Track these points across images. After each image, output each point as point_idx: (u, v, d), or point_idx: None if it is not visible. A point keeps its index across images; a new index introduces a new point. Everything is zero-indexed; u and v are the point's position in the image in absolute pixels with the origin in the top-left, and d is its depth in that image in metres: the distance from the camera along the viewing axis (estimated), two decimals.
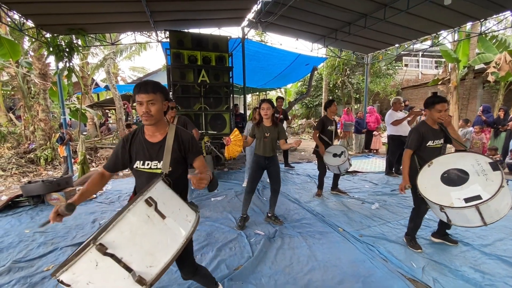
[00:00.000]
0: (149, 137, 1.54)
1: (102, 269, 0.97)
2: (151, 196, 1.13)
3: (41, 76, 7.67)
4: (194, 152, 1.60)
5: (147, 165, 1.52)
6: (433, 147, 2.54)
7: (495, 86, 10.68)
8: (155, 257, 1.05)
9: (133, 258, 1.00)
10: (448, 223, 2.15)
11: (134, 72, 23.38)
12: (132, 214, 1.06)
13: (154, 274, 1.01)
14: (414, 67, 20.32)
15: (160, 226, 1.11)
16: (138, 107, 1.44)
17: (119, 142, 1.59)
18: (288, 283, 2.20)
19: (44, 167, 7.18)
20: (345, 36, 7.07)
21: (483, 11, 5.56)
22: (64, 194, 4.28)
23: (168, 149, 1.50)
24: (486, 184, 1.98)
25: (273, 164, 3.21)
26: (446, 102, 2.49)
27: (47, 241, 3.02)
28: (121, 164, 1.57)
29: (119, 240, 1.00)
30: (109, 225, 0.99)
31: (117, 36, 8.76)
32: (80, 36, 5.84)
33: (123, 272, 0.98)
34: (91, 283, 0.97)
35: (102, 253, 0.95)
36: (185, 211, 1.27)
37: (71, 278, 0.95)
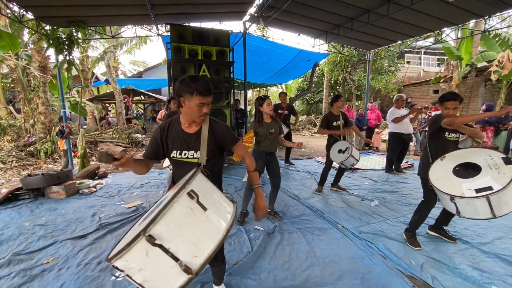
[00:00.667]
0: (186, 128, 1.58)
1: (152, 258, 1.02)
2: (193, 189, 1.17)
3: (41, 69, 7.62)
4: (231, 141, 1.64)
5: (184, 154, 1.57)
6: (449, 140, 2.56)
7: (497, 84, 10.63)
8: (199, 248, 1.09)
9: (179, 248, 1.05)
10: (457, 215, 2.17)
11: (134, 66, 23.30)
12: (176, 207, 1.10)
13: (199, 264, 1.05)
14: (416, 64, 20.19)
15: (203, 218, 1.15)
16: (197, 107, 1.45)
17: (156, 131, 1.61)
18: (287, 279, 2.21)
19: (44, 160, 7.18)
20: (347, 32, 7.00)
21: (487, 8, 5.50)
22: (64, 187, 4.28)
23: (204, 140, 1.55)
24: (498, 176, 2.01)
25: (274, 160, 3.27)
26: (456, 100, 2.45)
27: (47, 234, 3.03)
28: (162, 152, 1.61)
29: (166, 232, 1.05)
30: (157, 217, 1.04)
31: (117, 29, 8.69)
32: (80, 28, 5.78)
33: (170, 262, 1.03)
34: (142, 270, 1.03)
35: (151, 243, 1.00)
36: (224, 202, 1.31)
37: (125, 264, 1.03)
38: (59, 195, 4.27)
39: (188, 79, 1.44)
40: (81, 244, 2.80)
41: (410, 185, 4.77)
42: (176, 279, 1.04)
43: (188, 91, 1.43)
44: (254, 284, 2.15)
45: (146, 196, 4.30)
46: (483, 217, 2.05)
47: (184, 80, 1.45)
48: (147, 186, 4.85)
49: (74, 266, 2.39)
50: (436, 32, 7.19)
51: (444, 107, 2.50)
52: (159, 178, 5.39)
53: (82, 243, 2.82)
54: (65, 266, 2.40)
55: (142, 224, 1.19)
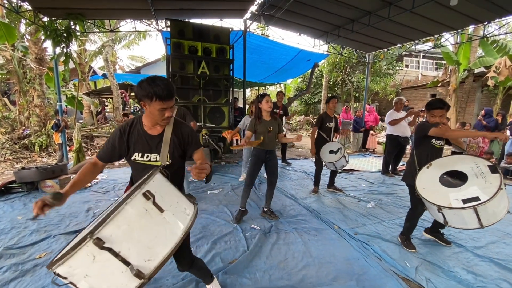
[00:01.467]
0: (149, 129, 1.51)
1: (100, 263, 0.96)
2: (149, 189, 1.11)
3: (37, 61, 7.52)
4: (193, 145, 1.59)
5: (146, 157, 1.50)
6: (436, 147, 2.54)
7: (494, 90, 10.74)
8: (153, 251, 1.04)
9: (131, 252, 0.99)
10: (445, 224, 2.17)
11: (132, 61, 23.08)
12: (129, 208, 1.04)
13: (153, 268, 1.01)
14: (414, 68, 20.31)
15: (158, 219, 1.10)
16: (159, 112, 1.38)
17: (115, 132, 1.52)
18: (283, 279, 2.21)
19: (38, 153, 7.09)
20: (347, 33, 7.01)
21: (486, 14, 5.54)
22: (59, 181, 4.23)
23: (167, 141, 1.49)
24: (484, 186, 1.99)
25: (273, 158, 3.26)
26: (443, 108, 2.42)
27: (40, 228, 2.98)
28: (118, 155, 1.52)
29: (117, 234, 0.99)
30: (106, 219, 0.98)
31: (116, 23, 8.60)
32: (78, 21, 5.70)
33: (121, 266, 0.97)
34: (88, 276, 0.96)
35: (99, 247, 0.94)
36: (183, 204, 1.25)
37: (68, 271, 0.95)
38: (53, 189, 4.22)
39: (146, 83, 1.34)
40: None
41: (406, 188, 4.72)
42: (126, 284, 0.99)
43: (147, 96, 1.34)
44: (250, 283, 2.14)
45: None
46: (470, 227, 2.04)
47: (142, 83, 1.36)
48: None
49: None
50: (436, 36, 7.23)
51: (430, 115, 2.48)
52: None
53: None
54: None
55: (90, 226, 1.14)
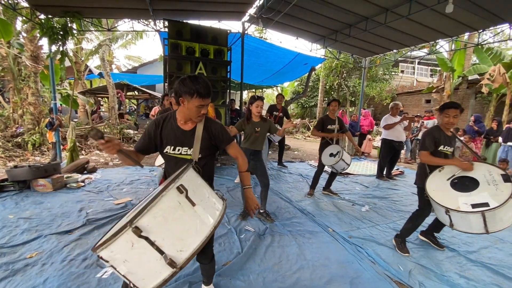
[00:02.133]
0: (182, 125, 1.58)
1: (137, 250, 1.02)
2: (183, 183, 1.17)
3: (33, 59, 7.45)
4: (225, 140, 1.66)
5: (177, 150, 1.57)
6: (444, 152, 2.54)
7: (487, 97, 10.91)
8: (185, 242, 1.10)
9: (165, 242, 1.06)
10: (450, 227, 2.20)
11: (129, 61, 22.99)
12: (164, 200, 1.10)
13: (184, 258, 1.07)
14: (410, 74, 20.59)
15: (190, 213, 1.16)
16: (197, 109, 1.46)
17: (150, 125, 1.60)
18: (276, 281, 2.20)
19: (31, 152, 6.99)
20: (345, 38, 7.08)
21: (481, 22, 5.64)
22: (51, 180, 4.17)
23: (198, 137, 1.56)
24: (495, 193, 2.03)
25: (258, 159, 3.30)
26: (456, 108, 2.43)
27: (31, 227, 2.93)
28: (154, 146, 1.60)
29: (152, 224, 1.05)
30: (144, 209, 1.03)
31: (113, 23, 8.56)
32: (75, 19, 5.67)
33: (156, 254, 1.04)
34: (127, 261, 1.04)
35: (137, 235, 1.00)
36: (213, 199, 1.31)
37: (110, 255, 1.03)
38: (46, 188, 4.15)
39: (189, 80, 1.42)
40: (67, 239, 2.72)
41: (400, 192, 4.83)
42: (160, 272, 1.05)
43: (188, 92, 1.42)
44: (243, 286, 2.12)
45: (136, 193, 4.23)
46: (475, 231, 2.07)
47: (184, 80, 1.43)
48: (137, 183, 4.77)
49: (58, 262, 2.31)
50: (431, 43, 7.34)
51: (444, 114, 2.47)
52: (150, 175, 5.31)
53: (67, 238, 2.74)
54: (49, 261, 2.32)
55: (129, 215, 1.19)
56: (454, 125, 2.51)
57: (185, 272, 2.20)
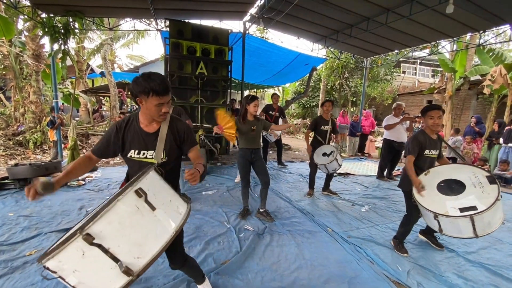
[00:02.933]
0: (145, 127, 1.50)
1: (89, 259, 0.96)
2: (141, 187, 1.12)
3: (35, 57, 7.48)
4: (189, 143, 1.59)
5: (142, 154, 1.49)
6: (430, 156, 2.55)
7: (489, 98, 10.87)
8: (143, 249, 1.04)
9: (120, 249, 1.00)
10: (439, 232, 2.18)
11: (131, 61, 23.01)
12: (121, 205, 1.04)
13: (142, 265, 1.01)
14: (411, 74, 20.53)
15: (150, 217, 1.10)
16: (156, 108, 1.38)
17: (111, 128, 1.51)
18: (275, 280, 2.20)
19: (32, 150, 7.03)
20: (346, 38, 7.07)
21: (483, 23, 5.62)
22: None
23: (162, 138, 1.48)
24: (482, 196, 2.01)
25: (258, 158, 3.33)
26: (439, 109, 2.46)
27: (31, 225, 2.95)
28: (112, 151, 1.51)
29: (107, 231, 0.99)
30: (97, 215, 0.98)
31: (115, 22, 8.58)
32: (77, 18, 5.69)
33: (110, 262, 0.98)
34: (77, 271, 0.97)
35: (88, 243, 0.94)
36: (176, 202, 1.25)
37: (57, 265, 0.96)
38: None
39: (142, 79, 1.34)
40: None
41: (400, 193, 4.71)
42: (114, 281, 1.00)
43: (143, 92, 1.34)
44: (241, 285, 2.13)
45: None
46: (465, 236, 2.05)
47: (137, 79, 1.36)
48: None
49: None
50: (432, 43, 7.32)
51: (428, 117, 2.48)
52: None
53: None
54: None
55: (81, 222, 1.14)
56: (439, 126, 2.50)
57: None
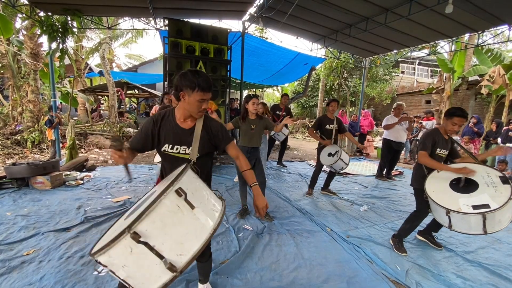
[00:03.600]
0: (181, 123, 1.54)
1: (136, 255, 1.02)
2: (181, 186, 1.15)
3: (33, 56, 7.44)
4: (225, 139, 1.63)
5: (176, 149, 1.53)
6: (440, 156, 2.57)
7: (487, 98, 10.91)
8: (184, 246, 1.08)
9: (164, 246, 1.04)
10: (449, 228, 2.21)
11: (130, 60, 22.96)
12: (163, 205, 1.08)
13: (184, 262, 1.05)
14: (410, 74, 20.58)
15: (190, 216, 1.14)
16: (197, 103, 1.43)
17: (148, 122, 1.55)
18: (274, 280, 2.20)
19: (30, 149, 6.99)
20: (345, 38, 7.07)
21: (481, 23, 5.63)
22: (50, 178, 4.17)
23: (197, 136, 1.52)
24: (495, 195, 2.05)
25: (255, 157, 3.34)
26: (466, 117, 2.43)
27: (29, 225, 2.93)
28: (151, 144, 1.55)
29: (151, 229, 1.04)
30: (142, 214, 1.02)
31: (114, 21, 8.55)
32: (75, 17, 5.66)
33: (155, 259, 1.02)
34: (126, 266, 1.03)
35: (136, 241, 0.99)
36: (212, 200, 1.29)
37: (108, 260, 1.02)
38: (44, 186, 4.15)
39: (190, 74, 1.40)
40: (64, 236, 2.72)
41: (399, 192, 4.83)
42: (160, 276, 1.04)
43: (189, 86, 1.40)
44: (240, 284, 2.13)
45: (135, 191, 4.23)
46: (474, 232, 2.10)
47: (185, 74, 1.41)
48: (136, 181, 4.77)
49: (56, 259, 2.31)
50: (431, 43, 7.33)
51: (451, 122, 2.45)
52: (149, 174, 5.31)
53: (65, 235, 2.75)
54: (46, 258, 2.32)
55: (127, 219, 1.17)
56: (455, 132, 2.51)
57: None
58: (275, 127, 3.46)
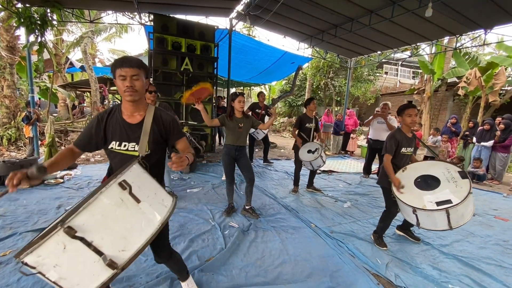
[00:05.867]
0: (127, 117, 1.45)
1: (70, 252, 0.94)
2: (126, 179, 1.10)
3: (9, 49, 7.08)
4: (176, 134, 1.54)
5: (123, 146, 1.44)
6: (405, 154, 2.68)
7: (464, 99, 11.41)
8: (128, 241, 1.02)
9: (104, 241, 0.98)
10: (417, 226, 2.31)
11: (113, 55, 22.25)
12: (104, 197, 1.02)
13: (126, 258, 1.00)
14: (393, 75, 21.18)
15: (134, 210, 1.09)
16: (120, 82, 1.34)
17: (92, 120, 1.47)
18: (259, 276, 2.23)
19: (6, 147, 6.68)
20: (331, 38, 7.19)
21: (459, 27, 5.90)
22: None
23: (146, 130, 1.43)
24: (455, 190, 2.15)
25: (243, 155, 3.34)
26: (415, 107, 2.59)
27: (5, 225, 2.81)
28: (95, 143, 1.46)
29: (90, 223, 0.97)
30: (79, 207, 0.95)
31: (96, 14, 8.27)
32: (55, 9, 5.42)
33: (93, 256, 0.95)
34: (58, 266, 0.94)
35: (70, 236, 0.92)
36: (161, 195, 1.24)
37: (36, 260, 0.92)
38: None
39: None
40: None
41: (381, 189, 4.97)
42: (98, 274, 0.97)
43: (113, 71, 1.36)
44: (226, 281, 2.14)
45: None
46: (440, 228, 2.20)
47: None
48: None
49: None
50: (413, 45, 7.59)
51: (407, 115, 2.59)
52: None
53: None
54: None
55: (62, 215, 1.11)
56: (416, 123, 2.63)
57: (167, 268, 2.18)
58: (262, 125, 3.48)
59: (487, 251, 2.82)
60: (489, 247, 2.92)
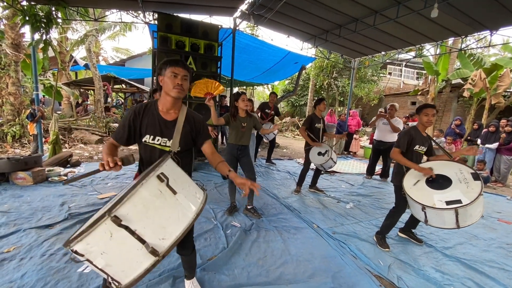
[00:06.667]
0: (163, 114, 1.54)
1: (116, 240, 0.99)
2: (163, 172, 1.16)
3: (14, 47, 7.14)
4: (204, 135, 1.65)
5: (156, 140, 1.52)
6: (418, 152, 2.68)
7: (468, 101, 11.33)
8: (167, 231, 1.08)
9: (146, 230, 1.03)
10: (425, 223, 2.32)
11: (117, 54, 22.38)
12: (144, 189, 1.08)
13: (167, 246, 1.05)
14: (397, 76, 21.05)
15: (172, 201, 1.14)
16: (170, 79, 1.46)
17: (129, 114, 1.52)
18: (261, 275, 2.23)
19: (10, 144, 6.73)
20: (335, 38, 7.16)
21: (465, 28, 5.85)
22: (32, 173, 4.04)
23: (179, 128, 1.53)
24: (466, 191, 2.16)
25: (245, 154, 3.35)
26: (433, 107, 2.61)
27: (10, 221, 2.84)
28: (133, 136, 1.53)
29: (133, 213, 1.02)
30: (123, 198, 1.00)
31: (101, 13, 8.30)
32: (60, 8, 5.45)
33: (136, 244, 1.00)
34: (105, 253, 0.99)
35: (117, 224, 0.97)
36: (194, 188, 1.31)
37: (85, 248, 0.98)
38: (26, 181, 4.02)
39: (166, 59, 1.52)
40: (47, 233, 2.65)
41: (384, 190, 4.97)
42: (141, 261, 1.03)
43: (163, 67, 1.49)
44: (228, 280, 2.14)
45: (121, 188, 4.15)
46: (448, 227, 2.22)
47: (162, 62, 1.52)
48: (123, 178, 4.68)
49: (38, 256, 2.26)
50: (417, 46, 7.53)
51: (424, 114, 2.60)
52: (136, 170, 5.22)
53: (47, 232, 2.68)
54: (28, 256, 2.26)
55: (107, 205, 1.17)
56: (432, 123, 2.64)
57: (169, 266, 2.20)
58: (262, 130, 3.48)
59: (490, 254, 2.80)
60: (493, 250, 2.90)
